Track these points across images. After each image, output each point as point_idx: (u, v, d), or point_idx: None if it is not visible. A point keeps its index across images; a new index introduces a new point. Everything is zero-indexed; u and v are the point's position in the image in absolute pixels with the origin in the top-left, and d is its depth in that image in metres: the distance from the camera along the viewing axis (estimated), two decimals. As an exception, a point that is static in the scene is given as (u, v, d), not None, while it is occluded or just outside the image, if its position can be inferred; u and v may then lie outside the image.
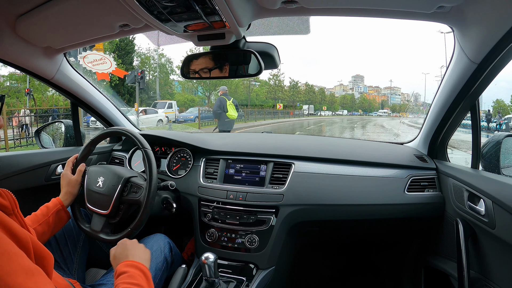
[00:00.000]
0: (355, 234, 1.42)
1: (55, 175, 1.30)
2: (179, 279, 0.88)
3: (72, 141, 1.48)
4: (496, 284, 0.83)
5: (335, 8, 0.79)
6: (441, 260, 1.13)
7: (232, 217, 1.14)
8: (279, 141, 1.46)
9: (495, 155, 0.99)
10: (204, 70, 0.95)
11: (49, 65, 1.15)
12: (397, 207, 1.13)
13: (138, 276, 0.71)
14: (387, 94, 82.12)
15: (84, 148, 1.09)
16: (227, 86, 29.76)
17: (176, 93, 31.25)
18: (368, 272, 1.65)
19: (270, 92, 38.06)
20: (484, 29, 0.73)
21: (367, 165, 1.21)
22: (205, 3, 0.64)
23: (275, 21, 0.94)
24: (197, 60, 0.96)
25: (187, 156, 1.38)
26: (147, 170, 0.97)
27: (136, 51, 22.46)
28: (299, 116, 32.79)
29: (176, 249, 1.11)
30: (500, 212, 0.78)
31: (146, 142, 1.01)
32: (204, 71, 0.96)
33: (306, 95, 45.83)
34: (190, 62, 0.96)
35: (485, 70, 0.82)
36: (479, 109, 0.98)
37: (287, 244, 1.15)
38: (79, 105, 1.43)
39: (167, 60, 27.35)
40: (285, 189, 1.14)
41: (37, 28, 0.91)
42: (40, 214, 0.90)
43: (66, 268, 0.99)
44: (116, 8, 0.77)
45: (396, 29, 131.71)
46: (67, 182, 1.00)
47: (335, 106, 56.44)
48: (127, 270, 0.72)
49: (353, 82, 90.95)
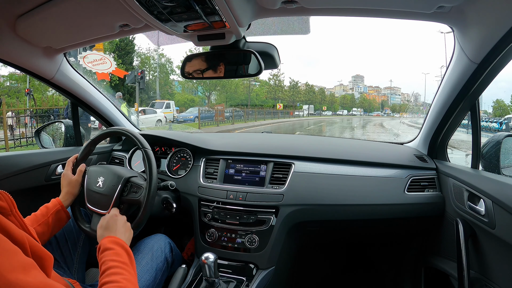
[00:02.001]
0: (355, 234, 1.42)
1: (55, 175, 1.30)
2: (179, 279, 0.88)
3: (72, 141, 1.48)
4: (496, 284, 0.83)
5: (335, 8, 0.79)
6: (441, 260, 1.13)
7: (232, 217, 1.14)
8: (279, 141, 1.46)
9: (495, 155, 0.99)
10: (204, 70, 0.95)
11: (49, 65, 1.15)
12: (397, 207, 1.13)
13: (123, 255, 0.73)
14: (387, 94, 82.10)
15: (84, 148, 1.09)
16: (227, 85, 29.74)
17: (176, 93, 31.24)
18: (368, 272, 1.65)
19: (270, 92, 38.30)
20: (484, 29, 0.73)
21: (367, 165, 1.21)
22: (205, 3, 0.64)
23: (275, 21, 0.94)
24: (197, 60, 0.96)
25: (187, 156, 1.38)
26: (147, 170, 0.97)
27: (136, 51, 22.48)
28: (299, 116, 32.76)
29: (177, 249, 1.11)
30: (500, 212, 0.78)
31: (146, 142, 1.01)
32: (204, 71, 0.96)
33: (306, 95, 45.98)
34: (190, 62, 0.96)
35: (485, 70, 0.82)
36: (479, 109, 0.98)
37: (287, 244, 1.15)
38: (79, 105, 1.43)
39: (167, 60, 27.39)
40: (285, 189, 1.14)
41: (37, 28, 0.91)
42: (40, 214, 0.90)
43: (66, 268, 0.99)
44: (116, 8, 0.77)
45: (396, 29, 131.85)
46: (68, 182, 1.00)
47: (335, 106, 56.25)
48: (113, 247, 0.74)
49: (353, 82, 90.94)
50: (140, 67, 22.73)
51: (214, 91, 29.58)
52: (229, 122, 16.17)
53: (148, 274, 0.92)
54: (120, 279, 0.66)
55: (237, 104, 28.64)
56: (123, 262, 0.71)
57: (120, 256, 0.72)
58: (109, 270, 0.67)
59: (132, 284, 0.67)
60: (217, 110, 15.85)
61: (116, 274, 0.67)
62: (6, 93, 16.98)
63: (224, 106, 20.21)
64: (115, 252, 0.73)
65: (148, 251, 0.98)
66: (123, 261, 0.71)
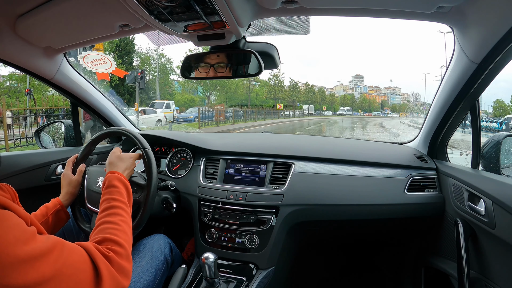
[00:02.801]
0: (355, 234, 1.42)
1: (55, 175, 1.30)
2: (179, 279, 0.88)
3: (72, 141, 1.48)
4: (496, 284, 0.83)
5: (335, 8, 0.79)
6: (441, 260, 1.13)
7: (232, 217, 1.14)
8: (279, 141, 1.46)
9: (495, 155, 0.99)
10: (204, 70, 0.95)
11: (49, 65, 1.15)
12: (397, 207, 1.13)
13: (124, 194, 0.80)
14: (387, 94, 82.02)
15: (84, 148, 1.09)
16: (227, 85, 29.67)
17: (176, 93, 31.17)
18: (368, 272, 1.65)
19: (270, 92, 37.71)
20: (484, 29, 0.73)
21: (367, 165, 1.21)
22: (205, 3, 0.64)
23: (275, 21, 0.94)
24: (197, 60, 0.96)
25: (187, 156, 1.38)
26: (147, 171, 0.97)
27: (136, 51, 22.39)
28: (299, 116, 32.61)
29: (176, 249, 1.11)
30: (500, 212, 0.78)
31: (146, 142, 1.01)
32: (204, 71, 0.96)
33: (306, 95, 45.30)
34: (190, 62, 0.96)
35: (485, 70, 0.82)
36: (479, 109, 0.98)
37: (287, 244, 1.15)
38: (79, 105, 1.43)
39: (167, 60, 27.28)
40: (285, 189, 1.14)
41: (37, 28, 0.91)
42: (40, 214, 0.90)
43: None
44: (116, 8, 0.77)
45: (396, 29, 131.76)
46: (68, 182, 1.00)
47: (335, 106, 55.77)
48: (117, 185, 0.81)
49: (353, 82, 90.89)
50: (140, 67, 22.71)
51: (214, 91, 29.52)
52: (229, 122, 16.17)
53: (147, 274, 0.92)
54: (119, 221, 0.71)
55: (237, 104, 28.56)
56: (124, 202, 0.77)
57: (122, 196, 0.78)
58: (110, 210, 0.73)
59: (128, 226, 0.72)
60: (217, 110, 15.86)
61: (116, 215, 0.72)
62: (6, 93, 16.98)
63: (224, 106, 20.19)
64: (118, 190, 0.79)
65: (148, 251, 0.98)
66: (123, 201, 0.77)
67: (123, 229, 0.68)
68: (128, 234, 0.69)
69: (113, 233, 0.65)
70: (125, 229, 0.69)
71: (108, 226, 0.67)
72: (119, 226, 0.68)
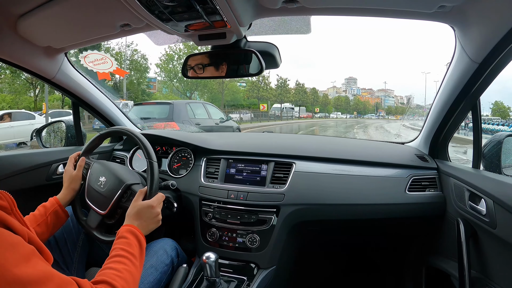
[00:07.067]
0: (356, 233, 1.42)
1: (56, 174, 1.30)
2: (180, 279, 0.88)
3: (73, 141, 1.48)
4: (497, 284, 0.83)
5: (336, 7, 0.79)
6: (442, 260, 1.13)
7: (233, 217, 1.14)
8: (280, 141, 1.46)
9: (496, 155, 0.99)
10: (205, 70, 0.95)
11: (50, 64, 1.15)
12: (398, 207, 1.13)
13: (134, 246, 0.76)
14: (381, 96, 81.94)
15: (92, 141, 1.08)
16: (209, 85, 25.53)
17: (153, 92, 28.53)
18: (369, 272, 1.65)
19: (252, 90, 31.72)
20: (485, 29, 0.73)
21: (368, 165, 1.21)
22: (206, 3, 0.64)
23: (276, 21, 0.94)
24: (198, 60, 0.96)
25: (188, 156, 1.38)
26: (149, 184, 0.94)
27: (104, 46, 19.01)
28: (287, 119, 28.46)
29: (183, 254, 1.10)
30: (501, 212, 0.78)
31: (153, 152, 0.98)
32: (205, 70, 0.96)
33: (296, 95, 39.65)
34: (191, 62, 0.96)
35: (486, 69, 0.82)
36: (480, 109, 0.98)
37: (288, 243, 1.15)
38: (80, 105, 1.43)
39: (141, 56, 22.69)
40: (286, 188, 1.14)
41: (38, 28, 0.91)
42: (38, 214, 0.90)
43: (66, 267, 0.99)
44: (117, 7, 0.77)
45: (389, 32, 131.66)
46: (69, 177, 1.00)
47: (329, 108, 52.23)
48: (128, 236, 0.78)
49: (346, 84, 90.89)
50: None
51: (197, 91, 26.04)
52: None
53: (152, 276, 0.91)
54: (122, 269, 0.69)
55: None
56: (131, 253, 0.74)
57: (131, 247, 0.75)
58: (115, 258, 0.72)
59: (131, 276, 0.69)
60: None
61: (120, 263, 0.70)
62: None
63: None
64: (128, 242, 0.77)
65: (153, 254, 0.97)
66: (131, 252, 0.74)
67: (124, 277, 0.68)
68: (128, 283, 0.68)
69: (112, 277, 0.66)
70: (126, 277, 0.68)
71: (109, 272, 0.68)
72: (121, 273, 0.68)
